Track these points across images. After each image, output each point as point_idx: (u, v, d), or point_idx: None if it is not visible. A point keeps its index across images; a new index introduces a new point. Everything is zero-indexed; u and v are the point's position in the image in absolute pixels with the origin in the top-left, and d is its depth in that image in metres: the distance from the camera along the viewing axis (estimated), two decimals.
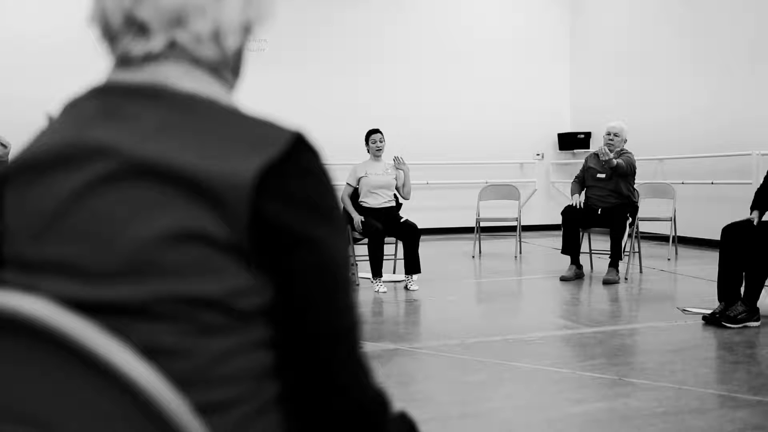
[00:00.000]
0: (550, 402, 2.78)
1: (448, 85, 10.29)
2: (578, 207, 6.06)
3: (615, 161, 5.86)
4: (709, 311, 4.20)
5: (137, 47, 0.82)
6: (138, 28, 0.82)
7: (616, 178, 6.00)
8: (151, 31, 0.82)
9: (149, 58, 0.82)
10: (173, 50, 0.83)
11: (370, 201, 5.72)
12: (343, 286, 0.81)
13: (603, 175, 6.06)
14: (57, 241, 0.78)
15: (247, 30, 0.88)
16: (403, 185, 5.84)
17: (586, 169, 6.28)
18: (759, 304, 4.11)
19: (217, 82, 0.87)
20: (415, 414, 1.13)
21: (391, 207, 5.77)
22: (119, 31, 0.83)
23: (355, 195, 5.89)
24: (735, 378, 3.09)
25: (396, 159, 5.88)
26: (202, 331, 0.75)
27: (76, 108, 0.84)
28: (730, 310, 4.04)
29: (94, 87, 0.85)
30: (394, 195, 5.86)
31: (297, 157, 0.79)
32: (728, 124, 7.80)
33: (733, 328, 3.99)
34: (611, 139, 6.11)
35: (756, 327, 4.03)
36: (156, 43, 0.82)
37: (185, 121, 0.79)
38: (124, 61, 0.84)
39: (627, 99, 9.54)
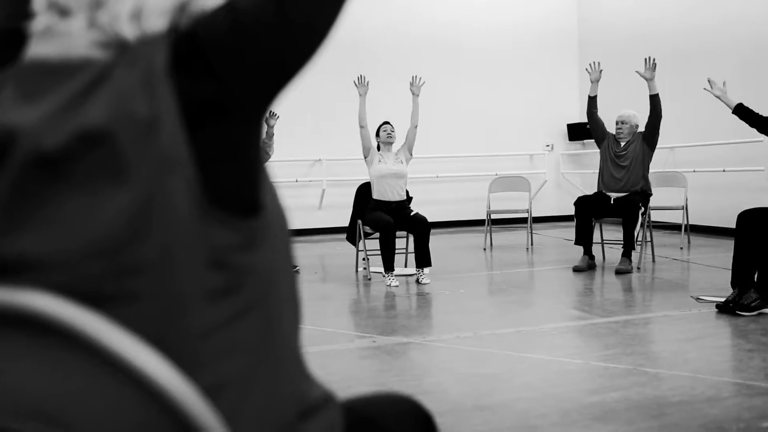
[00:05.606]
0: (565, 393, 2.78)
1: (456, 78, 10.26)
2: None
3: (651, 74, 6.01)
4: (723, 299, 4.18)
5: (58, 26, 0.82)
6: (60, 10, 0.82)
7: (635, 163, 5.99)
8: (71, 13, 0.81)
9: (68, 35, 0.81)
10: (93, 27, 0.81)
11: (381, 193, 5.71)
12: None
13: (624, 151, 6.05)
14: (18, 237, 0.74)
15: (182, 9, 0.84)
16: (412, 113, 5.92)
17: (606, 139, 6.28)
18: None
19: None
20: (430, 407, 1.14)
21: (402, 200, 5.78)
22: (41, 12, 0.83)
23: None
24: (750, 366, 3.08)
25: (413, 77, 6.00)
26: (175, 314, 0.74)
27: None
28: (743, 298, 4.01)
29: (14, 65, 0.83)
30: (406, 190, 5.87)
31: (183, 44, 0.77)
32: None
33: (748, 315, 3.97)
34: (620, 128, 6.13)
35: None
36: (76, 23, 0.81)
37: (96, 84, 0.76)
38: (44, 33, 0.82)
39: (636, 89, 9.48)
